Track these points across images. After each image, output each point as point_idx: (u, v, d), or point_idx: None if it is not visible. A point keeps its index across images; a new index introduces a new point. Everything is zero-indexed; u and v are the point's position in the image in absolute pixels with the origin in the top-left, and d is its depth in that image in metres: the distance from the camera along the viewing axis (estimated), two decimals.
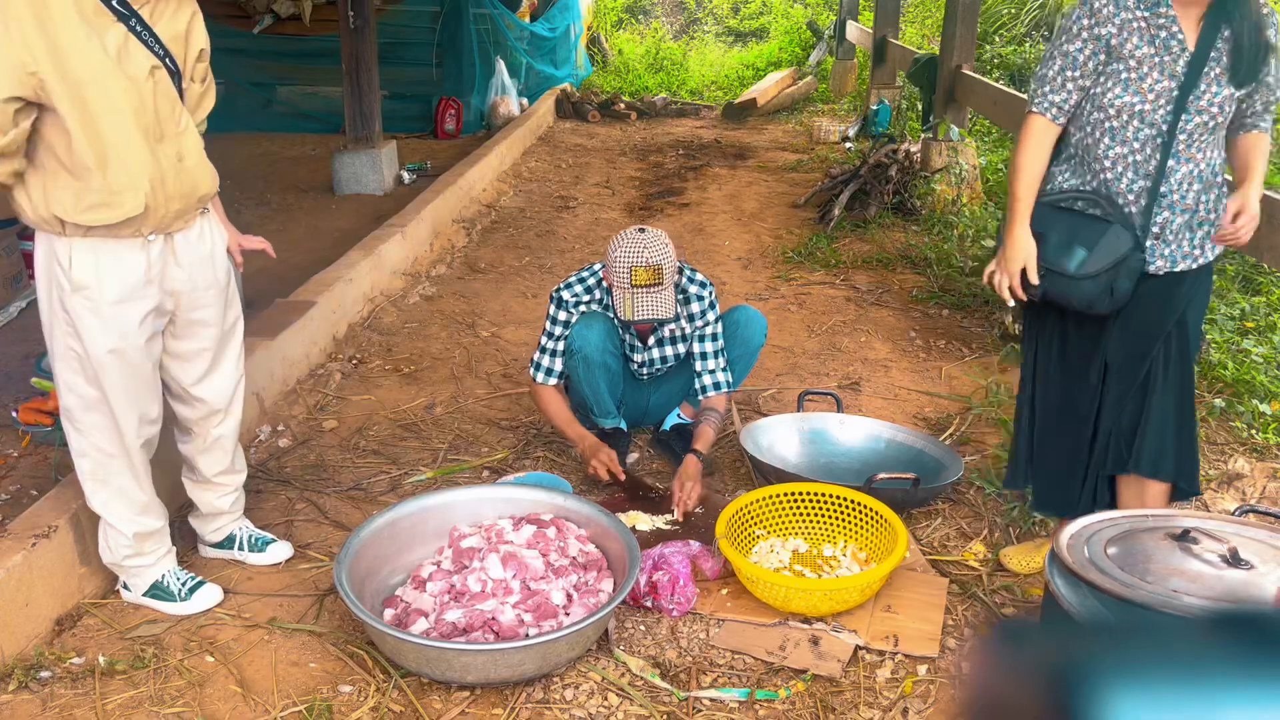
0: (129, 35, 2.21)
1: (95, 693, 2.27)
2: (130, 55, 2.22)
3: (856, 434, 3.37)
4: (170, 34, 2.31)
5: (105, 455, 2.44)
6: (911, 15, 11.74)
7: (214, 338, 2.58)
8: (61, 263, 2.30)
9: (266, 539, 2.82)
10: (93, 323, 2.32)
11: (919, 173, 6.37)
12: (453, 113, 8.69)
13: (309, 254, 5.30)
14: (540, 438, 3.53)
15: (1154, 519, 2.35)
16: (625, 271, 2.99)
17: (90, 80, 2.16)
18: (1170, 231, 2.41)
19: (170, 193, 2.34)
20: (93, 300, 2.31)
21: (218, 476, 2.74)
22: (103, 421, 2.41)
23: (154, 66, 2.27)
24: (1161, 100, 2.33)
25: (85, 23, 2.14)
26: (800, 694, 2.30)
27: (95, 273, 2.30)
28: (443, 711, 2.25)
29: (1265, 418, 3.52)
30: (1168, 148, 2.35)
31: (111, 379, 2.37)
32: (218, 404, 2.64)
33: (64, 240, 2.29)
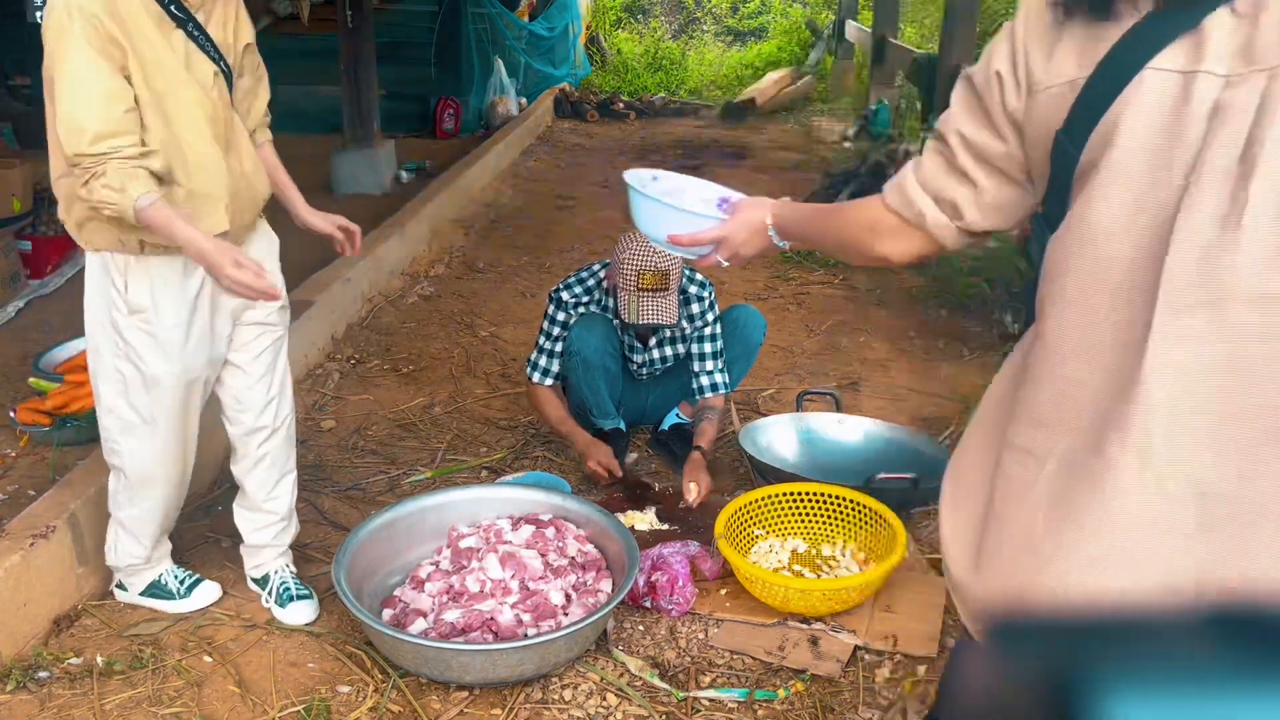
0: (188, 41, 2.14)
1: (93, 693, 2.27)
2: (195, 62, 2.15)
3: (855, 434, 3.37)
4: (222, 37, 2.24)
5: (139, 478, 2.40)
6: (911, 15, 11.74)
7: (267, 348, 2.49)
8: (117, 284, 2.22)
9: (294, 593, 2.59)
10: (150, 346, 2.25)
11: None
12: (451, 112, 8.68)
13: (307, 254, 5.29)
14: (539, 437, 3.53)
15: None
16: (633, 274, 2.99)
17: (168, 90, 2.10)
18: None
19: (243, 203, 2.28)
20: (150, 324, 2.24)
21: (266, 505, 2.59)
22: (140, 446, 2.35)
23: (215, 73, 2.20)
24: None
25: (157, 30, 2.08)
26: (799, 694, 2.30)
27: (151, 295, 2.22)
28: (441, 712, 2.25)
29: None
30: None
31: (164, 402, 2.30)
32: (264, 420, 2.51)
33: (121, 258, 2.20)
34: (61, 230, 5.13)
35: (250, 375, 2.48)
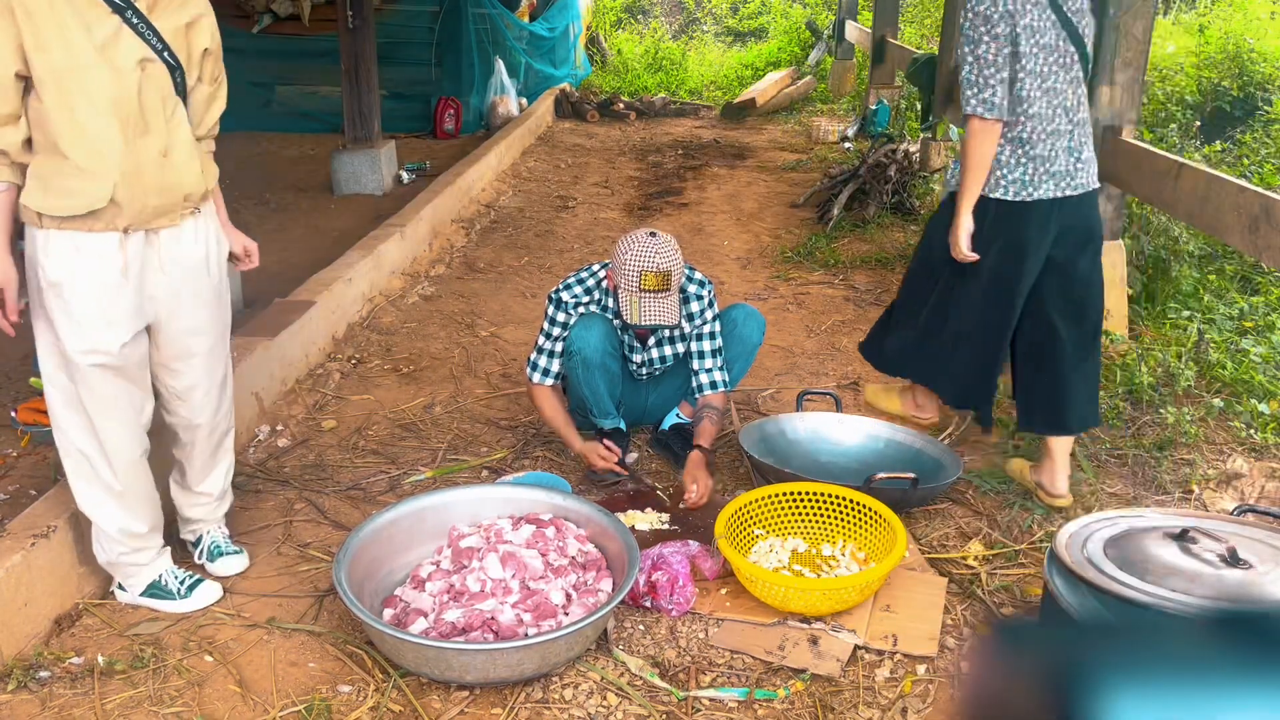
0: (123, 26, 2.21)
1: (94, 692, 2.27)
2: (120, 46, 2.21)
3: (855, 434, 3.37)
4: (170, 28, 2.30)
5: (84, 455, 2.42)
6: (910, 15, 11.74)
7: (203, 347, 2.53)
8: (39, 256, 2.29)
9: (224, 550, 2.75)
10: (65, 323, 2.30)
11: (918, 172, 6.38)
12: (452, 112, 8.68)
13: (308, 254, 5.30)
14: (539, 437, 3.53)
15: (1153, 518, 2.35)
16: (635, 275, 2.99)
17: (70, 68, 2.16)
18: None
19: (148, 187, 2.30)
20: (64, 299, 2.28)
21: (201, 488, 2.72)
22: (80, 421, 2.39)
23: (145, 59, 2.25)
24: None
25: (73, 11, 2.15)
26: (799, 693, 2.30)
27: (69, 270, 2.27)
28: (442, 711, 2.25)
29: (1264, 417, 3.53)
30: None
31: (87, 381, 2.34)
32: (201, 418, 2.59)
33: (42, 233, 2.27)
34: None
35: (184, 372, 2.52)
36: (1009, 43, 2.81)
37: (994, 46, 2.81)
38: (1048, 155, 2.89)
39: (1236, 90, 7.28)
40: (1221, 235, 3.50)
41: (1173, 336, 4.20)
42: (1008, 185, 2.92)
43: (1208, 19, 9.07)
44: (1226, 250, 4.84)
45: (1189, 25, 9.29)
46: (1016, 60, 2.84)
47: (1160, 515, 2.39)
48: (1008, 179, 2.92)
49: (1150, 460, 3.32)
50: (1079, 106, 2.93)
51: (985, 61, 2.82)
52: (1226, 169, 5.52)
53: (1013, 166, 2.91)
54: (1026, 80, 2.85)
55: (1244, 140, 6.46)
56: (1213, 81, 7.41)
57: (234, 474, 3.21)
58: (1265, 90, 7.21)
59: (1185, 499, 3.13)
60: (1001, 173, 2.92)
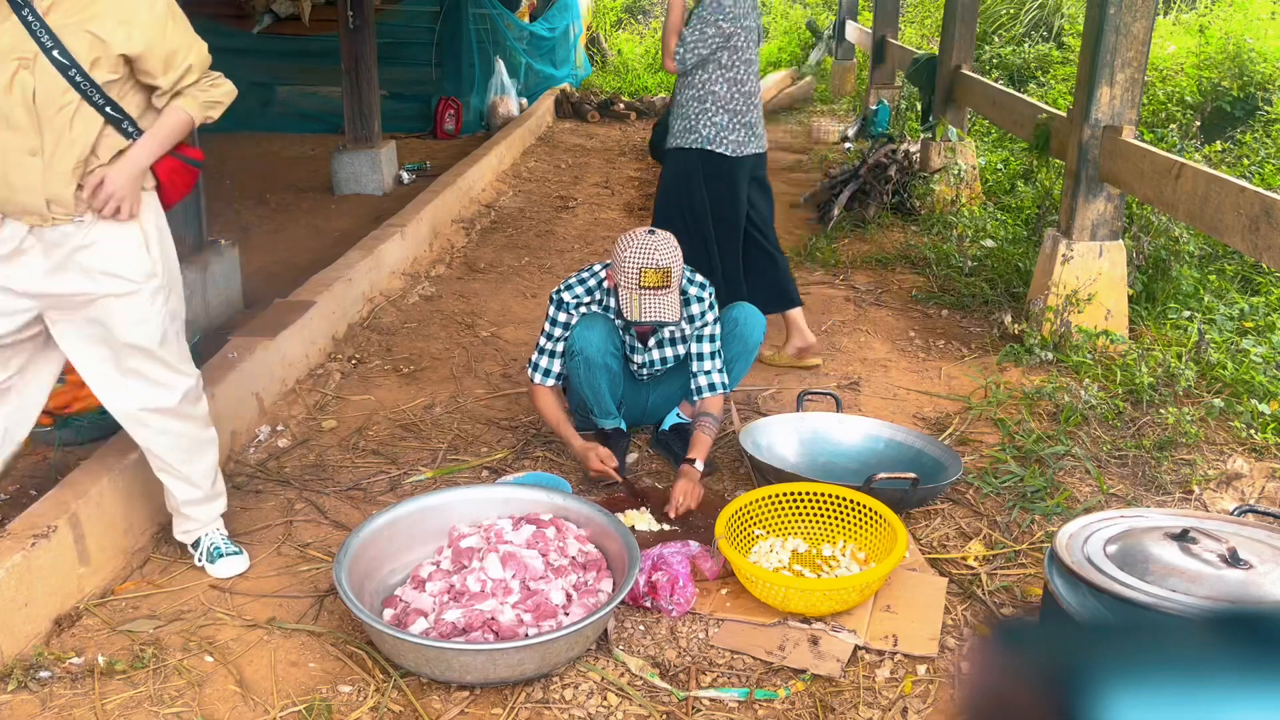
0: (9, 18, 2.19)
1: (94, 692, 2.27)
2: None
3: (856, 434, 3.37)
4: (61, 23, 2.23)
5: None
6: (911, 15, 11.74)
7: (104, 358, 2.46)
8: None
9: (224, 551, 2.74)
10: None
11: (918, 173, 6.38)
12: (452, 113, 8.68)
13: (308, 254, 5.30)
14: (540, 438, 3.53)
15: (1153, 518, 2.35)
16: (634, 273, 2.98)
17: None
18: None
19: (11, 183, 2.26)
20: None
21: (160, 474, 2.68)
22: None
23: (24, 55, 2.21)
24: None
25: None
26: (799, 694, 2.30)
27: None
28: (442, 711, 2.25)
29: (1264, 418, 3.53)
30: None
31: None
32: (119, 404, 2.53)
33: None
34: None
35: (83, 359, 2.49)
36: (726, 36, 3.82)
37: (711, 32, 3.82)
38: (753, 123, 3.96)
39: (1237, 90, 7.28)
40: (1222, 235, 3.50)
41: (1173, 336, 4.20)
42: (728, 144, 3.90)
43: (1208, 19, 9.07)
44: (1227, 250, 4.84)
45: (1189, 25, 9.29)
46: (730, 49, 3.85)
47: (1160, 515, 2.39)
48: (728, 139, 3.90)
49: (1150, 460, 3.32)
50: (758, 88, 4.03)
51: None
52: (1227, 169, 5.52)
53: (733, 129, 3.90)
54: (741, 66, 3.88)
55: (1244, 140, 6.46)
56: (1213, 81, 7.41)
57: (235, 474, 3.22)
58: (1265, 90, 7.21)
59: (1185, 499, 3.13)
60: (724, 135, 3.89)
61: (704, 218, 3.95)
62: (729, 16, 3.79)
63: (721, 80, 3.87)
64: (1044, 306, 4.23)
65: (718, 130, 3.88)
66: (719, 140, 3.89)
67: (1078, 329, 4.15)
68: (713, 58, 3.85)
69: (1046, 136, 4.93)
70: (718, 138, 3.88)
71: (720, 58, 3.86)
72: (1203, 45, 7.97)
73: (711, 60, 3.85)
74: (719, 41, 3.82)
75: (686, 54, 3.84)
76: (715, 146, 3.89)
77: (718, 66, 3.86)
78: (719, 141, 3.89)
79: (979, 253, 5.34)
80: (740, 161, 3.93)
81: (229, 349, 3.56)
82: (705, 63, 3.86)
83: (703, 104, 3.90)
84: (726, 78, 3.87)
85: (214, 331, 4.12)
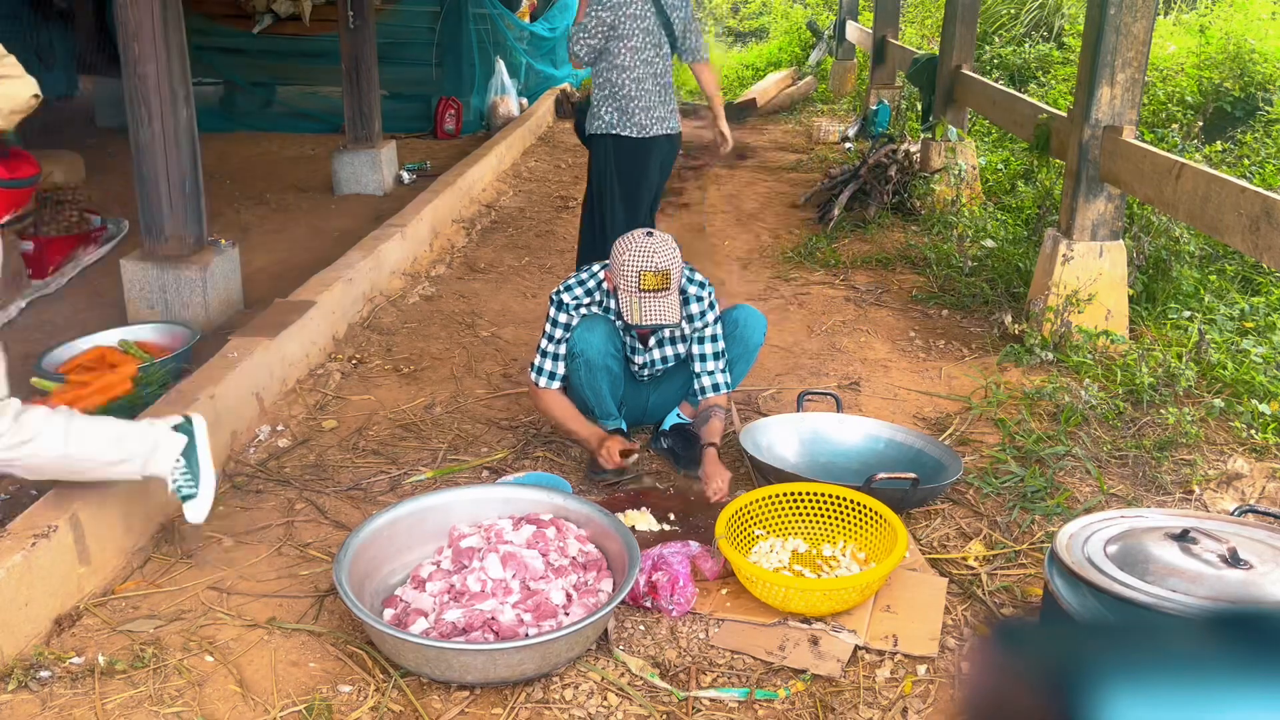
0: None
1: (95, 692, 2.27)
2: None
3: (856, 434, 3.37)
4: None
5: None
6: (911, 15, 11.74)
7: None
8: None
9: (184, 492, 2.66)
10: None
11: (918, 173, 6.38)
12: (452, 113, 8.68)
13: (309, 254, 5.30)
14: (540, 438, 3.53)
15: (1153, 519, 2.35)
16: (633, 275, 2.98)
17: None
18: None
19: None
20: None
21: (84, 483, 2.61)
22: None
23: None
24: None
25: None
26: (799, 694, 2.30)
27: None
28: (442, 711, 2.25)
29: (1264, 418, 3.53)
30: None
31: None
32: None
33: None
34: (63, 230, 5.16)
35: None
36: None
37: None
38: (651, 106, 4.24)
39: (1237, 90, 7.28)
40: (1222, 235, 3.50)
41: (1173, 337, 4.20)
42: (631, 126, 4.23)
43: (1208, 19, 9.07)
44: (1227, 250, 4.84)
45: (1190, 25, 9.29)
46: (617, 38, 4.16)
47: (1161, 515, 2.39)
48: (630, 123, 4.22)
49: (1151, 460, 3.32)
50: (666, 73, 4.32)
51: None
52: (1227, 169, 5.52)
53: (634, 112, 4.22)
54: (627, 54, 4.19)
55: (1245, 140, 6.46)
56: (1213, 82, 7.41)
57: (235, 474, 3.22)
58: (1266, 90, 7.21)
59: (1186, 499, 3.13)
60: (626, 119, 4.21)
61: (607, 200, 4.34)
62: (609, 6, 4.10)
63: (613, 69, 4.21)
64: (1044, 306, 4.22)
65: (620, 115, 4.24)
66: (622, 124, 4.25)
67: (1078, 329, 4.15)
68: (604, 49, 4.19)
69: (1047, 136, 4.93)
70: (620, 122, 4.25)
71: (610, 48, 4.19)
72: (1203, 45, 7.97)
73: (605, 51, 4.21)
74: (604, 31, 4.13)
75: (577, 48, 4.19)
76: (620, 130, 4.25)
77: (609, 55, 4.21)
78: (622, 125, 4.25)
79: (979, 253, 5.34)
80: (645, 143, 4.27)
81: (229, 349, 3.56)
82: (601, 55, 4.21)
83: (603, 92, 4.27)
84: (617, 65, 4.19)
85: (214, 331, 4.12)
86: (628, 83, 4.21)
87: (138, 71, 3.94)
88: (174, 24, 3.97)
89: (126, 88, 3.99)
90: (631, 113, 4.23)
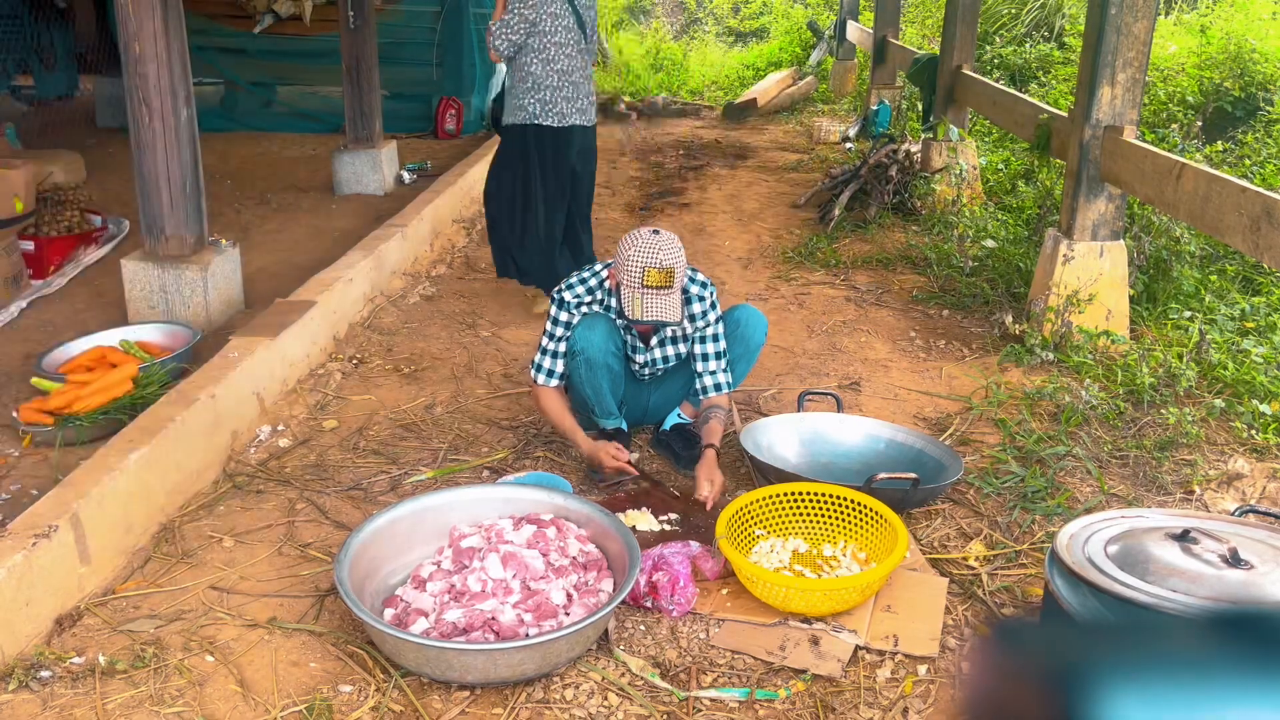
0: None
1: (95, 692, 2.27)
2: None
3: (856, 434, 3.37)
4: None
5: None
6: (911, 15, 11.74)
7: None
8: None
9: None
10: None
11: (919, 173, 6.38)
12: (453, 112, 8.68)
13: (309, 254, 5.30)
14: (540, 438, 3.53)
15: (1154, 519, 2.35)
16: (638, 272, 2.99)
17: None
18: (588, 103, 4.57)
19: None
20: None
21: None
22: None
23: None
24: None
25: None
26: (800, 694, 2.30)
27: None
28: (443, 711, 2.25)
29: (1265, 418, 3.52)
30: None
31: None
32: None
33: None
34: (64, 230, 5.16)
35: None
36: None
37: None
38: (572, 98, 4.44)
39: (1238, 91, 7.28)
40: (1223, 236, 3.50)
41: (1174, 337, 4.20)
42: (552, 116, 4.42)
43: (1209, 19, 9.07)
44: (1228, 251, 4.84)
45: (1190, 25, 9.29)
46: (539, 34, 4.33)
47: (1161, 515, 2.39)
48: (552, 112, 4.42)
49: (1151, 460, 3.31)
50: (585, 68, 4.51)
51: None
52: (1228, 169, 5.52)
53: (555, 103, 4.41)
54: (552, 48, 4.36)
55: (1245, 140, 6.46)
56: (1214, 82, 7.41)
57: (235, 474, 3.22)
58: (1267, 91, 7.21)
59: (1186, 499, 3.13)
60: (548, 109, 4.41)
61: (532, 185, 4.52)
62: (531, 4, 4.30)
63: (536, 61, 4.38)
64: (1045, 307, 4.22)
65: (541, 106, 4.42)
66: (544, 114, 4.43)
67: (1079, 329, 4.15)
68: (526, 43, 4.36)
69: (1047, 136, 4.93)
70: (542, 112, 4.43)
71: (532, 43, 4.36)
72: (1204, 45, 7.97)
73: (526, 45, 4.37)
74: (525, 28, 4.31)
75: (498, 42, 4.35)
76: (541, 120, 4.43)
77: (531, 50, 4.37)
78: (544, 115, 4.43)
79: (980, 253, 5.34)
80: (565, 132, 4.47)
81: (230, 349, 3.56)
82: (522, 48, 4.38)
83: (525, 84, 4.43)
84: (540, 59, 4.38)
85: (214, 331, 4.12)
86: (551, 75, 4.39)
87: (138, 71, 3.94)
88: (175, 24, 3.97)
89: (127, 88, 4.00)
90: (554, 103, 4.42)
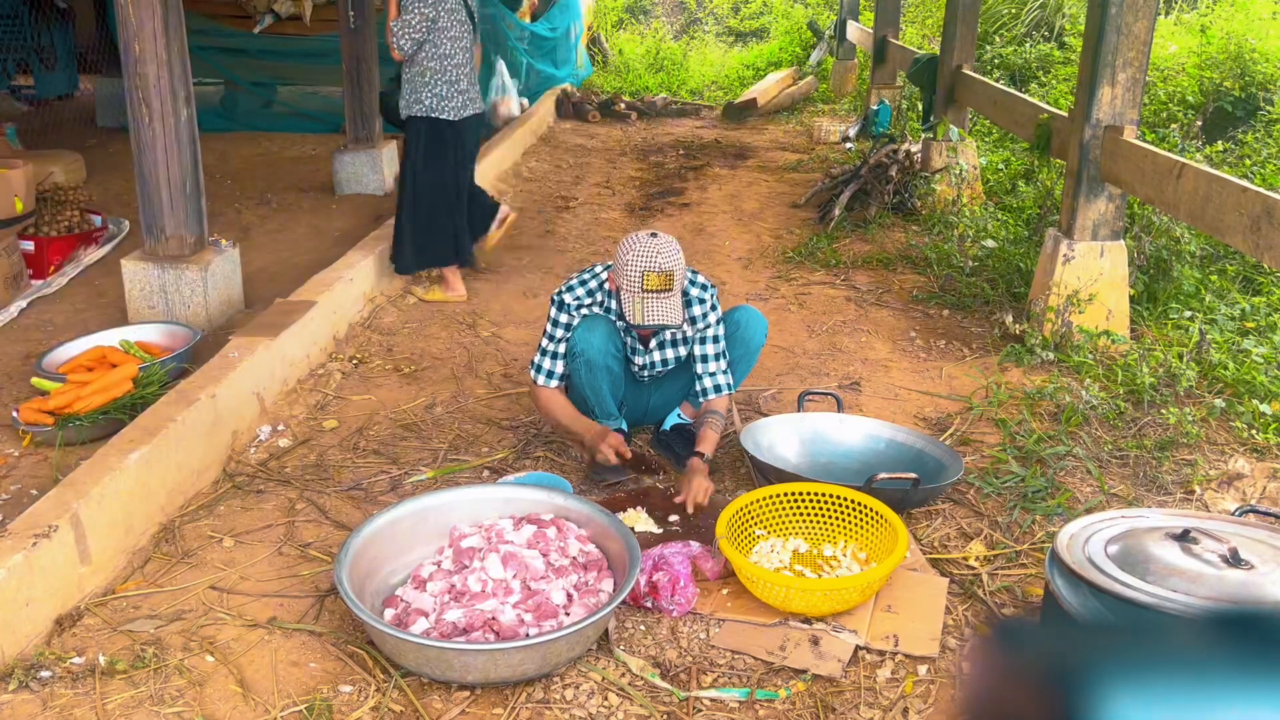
0: None
1: (95, 692, 2.27)
2: None
3: (856, 434, 3.37)
4: None
5: None
6: (912, 15, 11.74)
7: None
8: None
9: None
10: None
11: (919, 173, 6.38)
12: None
13: (309, 254, 5.30)
14: (540, 438, 3.53)
15: (1154, 519, 2.35)
16: (637, 276, 2.99)
17: None
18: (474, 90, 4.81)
19: None
20: None
21: None
22: None
23: None
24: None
25: None
26: (800, 694, 2.30)
27: None
28: (443, 711, 2.25)
29: (1265, 418, 3.52)
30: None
31: None
32: None
33: None
34: (64, 230, 5.15)
35: None
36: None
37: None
38: (466, 89, 4.72)
39: (1238, 90, 7.27)
40: (1223, 235, 3.50)
41: (1174, 337, 4.19)
42: (448, 109, 4.64)
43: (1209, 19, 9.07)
44: (1228, 250, 4.84)
45: (1190, 25, 9.29)
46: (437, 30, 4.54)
47: (1162, 515, 2.39)
48: (448, 106, 4.63)
49: (1152, 460, 3.31)
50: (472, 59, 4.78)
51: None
52: (1228, 169, 5.51)
53: (451, 96, 4.64)
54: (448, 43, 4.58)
55: (1246, 140, 6.46)
56: (1214, 82, 7.41)
57: (236, 474, 3.22)
58: (1267, 90, 7.21)
59: (1187, 499, 3.13)
60: (444, 102, 4.62)
61: (426, 176, 4.70)
62: (430, 2, 4.47)
63: (434, 57, 4.56)
64: (1045, 306, 4.22)
65: (437, 99, 4.61)
66: (440, 108, 4.62)
67: (1079, 329, 4.15)
68: (425, 39, 4.53)
69: (1048, 136, 4.93)
70: (439, 105, 4.62)
71: (431, 39, 4.54)
72: (1204, 45, 7.97)
73: (426, 41, 4.54)
74: (426, 25, 4.48)
75: (401, 41, 4.48)
76: (437, 113, 4.62)
77: (430, 45, 4.55)
78: (440, 109, 4.62)
79: (980, 253, 5.34)
80: (460, 124, 4.68)
81: (230, 349, 3.56)
82: (421, 44, 4.54)
83: (422, 78, 4.59)
84: (437, 54, 4.56)
85: (214, 331, 4.12)
86: (450, 69, 4.60)
87: (138, 71, 3.94)
88: (175, 24, 3.97)
89: (127, 88, 4.00)
90: (450, 96, 4.62)
